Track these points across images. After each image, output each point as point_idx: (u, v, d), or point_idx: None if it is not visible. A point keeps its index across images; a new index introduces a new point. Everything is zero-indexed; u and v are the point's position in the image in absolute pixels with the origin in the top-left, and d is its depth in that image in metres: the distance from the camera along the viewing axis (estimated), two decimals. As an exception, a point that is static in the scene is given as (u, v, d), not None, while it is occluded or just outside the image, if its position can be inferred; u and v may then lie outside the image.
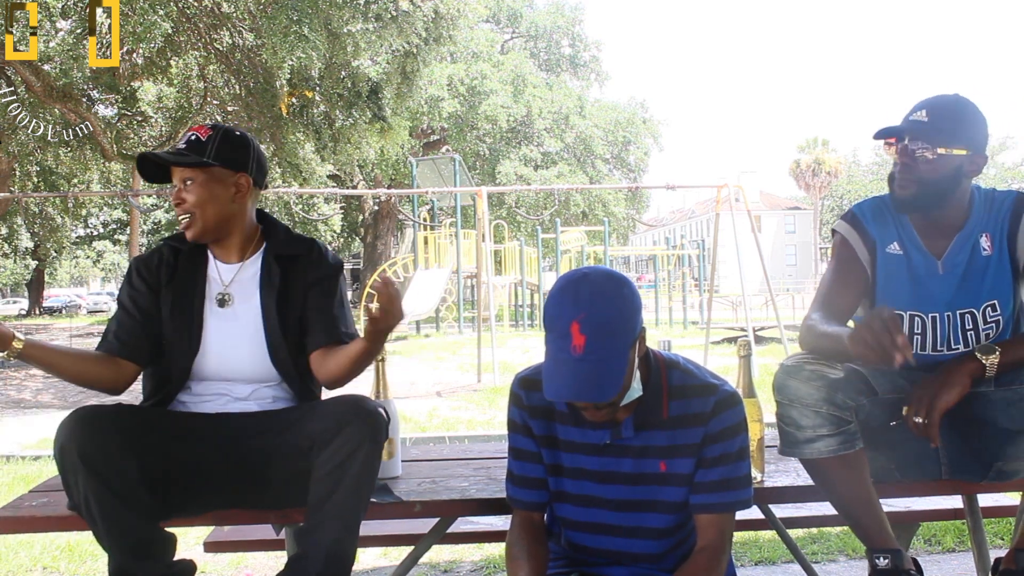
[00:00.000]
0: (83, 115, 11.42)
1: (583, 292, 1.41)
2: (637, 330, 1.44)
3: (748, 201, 11.32)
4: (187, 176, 1.91)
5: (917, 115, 1.85)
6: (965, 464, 1.85)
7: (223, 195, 1.92)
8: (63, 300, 44.47)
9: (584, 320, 1.38)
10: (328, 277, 1.98)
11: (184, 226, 1.92)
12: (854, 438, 1.75)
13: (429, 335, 16.89)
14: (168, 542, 1.73)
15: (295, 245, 2.00)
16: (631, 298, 1.43)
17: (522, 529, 1.63)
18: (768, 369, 9.29)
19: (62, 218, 25.69)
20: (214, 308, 1.93)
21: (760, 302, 18.68)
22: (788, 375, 1.77)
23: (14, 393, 10.01)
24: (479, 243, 9.83)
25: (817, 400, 1.73)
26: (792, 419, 1.77)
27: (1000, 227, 1.90)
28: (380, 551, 3.08)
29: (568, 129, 27.06)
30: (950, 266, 1.91)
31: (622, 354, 1.40)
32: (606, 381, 1.39)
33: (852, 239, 1.98)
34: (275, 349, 1.91)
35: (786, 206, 61.40)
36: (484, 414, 7.14)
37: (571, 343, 1.39)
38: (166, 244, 2.00)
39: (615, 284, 1.43)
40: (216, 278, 1.96)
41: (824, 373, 1.74)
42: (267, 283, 1.94)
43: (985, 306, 1.89)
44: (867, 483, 1.78)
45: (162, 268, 1.95)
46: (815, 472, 1.81)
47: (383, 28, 9.79)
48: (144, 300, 1.93)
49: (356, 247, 40.31)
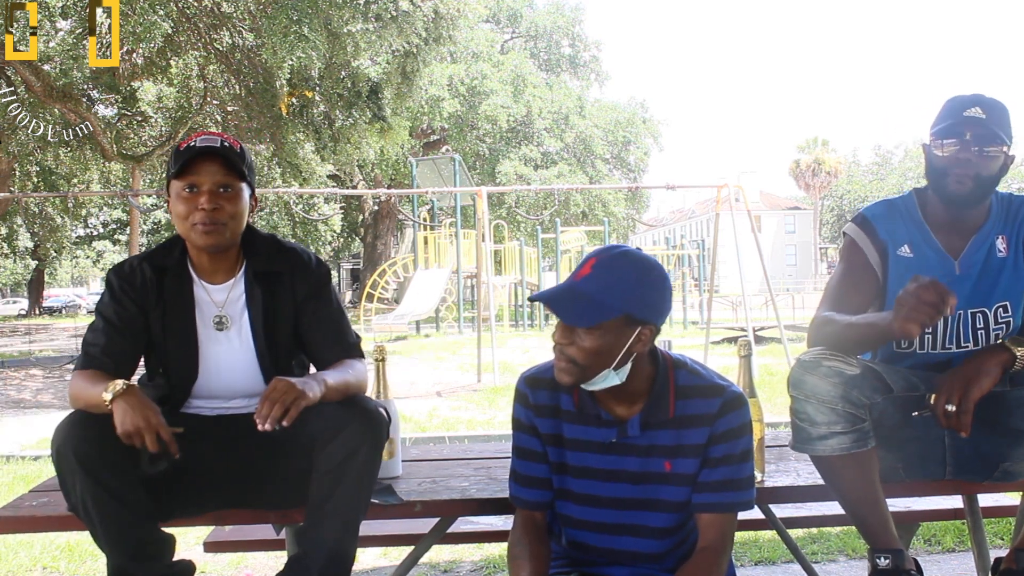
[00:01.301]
0: (83, 115, 11.42)
1: (619, 255, 1.48)
2: (645, 312, 1.46)
3: (748, 201, 11.32)
4: (228, 183, 1.81)
5: (972, 112, 1.83)
6: (971, 464, 1.85)
7: (245, 210, 1.87)
8: (63, 300, 44.47)
9: (601, 259, 1.47)
10: (319, 289, 1.92)
11: (208, 231, 1.79)
12: (867, 436, 1.74)
13: (429, 335, 16.89)
14: (167, 543, 1.73)
15: (275, 262, 1.91)
16: (652, 277, 1.48)
17: (524, 529, 1.63)
18: (768, 369, 9.29)
19: (62, 218, 25.69)
20: (208, 332, 1.87)
21: (760, 302, 18.67)
22: (806, 371, 1.76)
23: (14, 393, 10.01)
24: (479, 243, 9.83)
25: (834, 397, 1.72)
26: (807, 415, 1.75)
27: (1017, 230, 1.92)
28: (380, 551, 3.08)
29: (568, 129, 27.07)
30: (966, 266, 1.91)
31: (615, 308, 1.44)
32: (584, 310, 1.44)
33: (862, 242, 1.98)
34: (267, 369, 1.88)
35: (786, 206, 61.40)
36: (484, 414, 7.14)
37: (580, 271, 1.48)
38: (144, 262, 1.88)
39: (647, 263, 1.49)
40: (206, 299, 1.88)
41: (841, 370, 1.73)
42: (252, 303, 1.89)
43: (997, 307, 1.90)
44: (875, 482, 1.78)
45: (147, 288, 1.85)
46: (825, 469, 1.80)
47: (383, 28, 9.79)
48: (132, 318, 1.84)
49: (356, 247, 40.34)
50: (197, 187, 1.80)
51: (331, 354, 1.89)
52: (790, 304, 23.48)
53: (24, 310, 40.46)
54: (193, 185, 1.80)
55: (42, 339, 20.62)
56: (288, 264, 1.92)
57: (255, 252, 1.92)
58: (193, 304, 1.87)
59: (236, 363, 1.88)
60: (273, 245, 1.95)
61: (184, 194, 1.80)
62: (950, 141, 1.84)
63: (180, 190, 1.81)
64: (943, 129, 1.86)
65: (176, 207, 1.82)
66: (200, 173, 1.79)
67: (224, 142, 1.82)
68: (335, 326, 1.92)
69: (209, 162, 1.80)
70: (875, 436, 1.77)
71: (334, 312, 1.94)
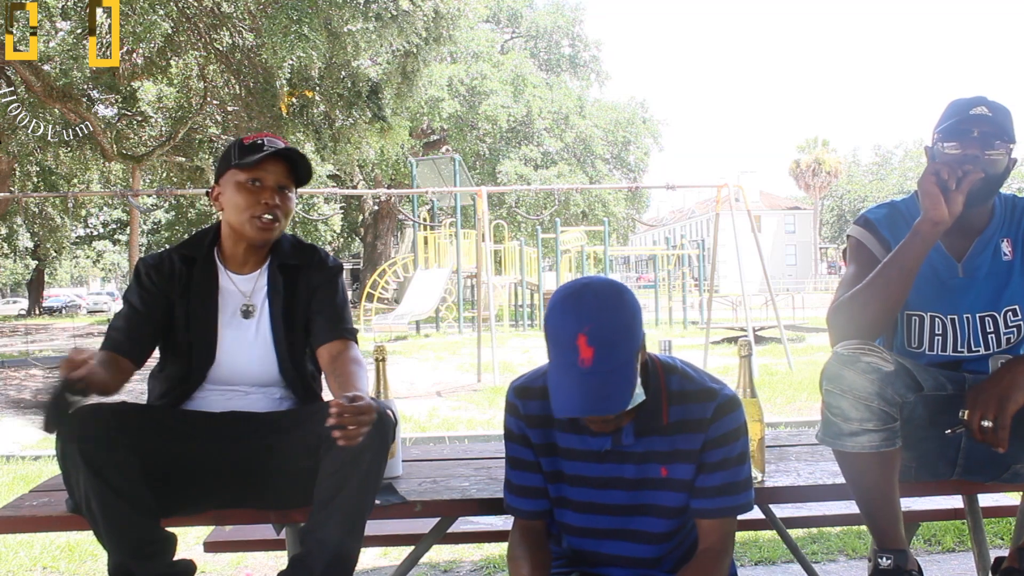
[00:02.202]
0: (83, 115, 11.43)
1: (587, 303, 1.38)
2: (640, 338, 1.43)
3: (748, 201, 11.32)
4: (289, 185, 1.94)
5: (978, 110, 1.83)
6: (982, 466, 1.84)
7: (293, 211, 1.99)
8: (63, 300, 44.45)
9: (591, 332, 1.35)
10: (330, 279, 2.03)
11: (268, 226, 1.91)
12: (895, 436, 1.72)
13: (429, 335, 16.89)
14: (168, 542, 1.74)
15: (298, 255, 2.03)
16: (633, 306, 1.42)
17: (523, 536, 1.62)
18: (768, 369, 9.28)
19: (62, 218, 25.70)
20: (230, 319, 1.95)
21: (760, 302, 18.65)
22: (844, 365, 1.72)
23: (14, 393, 10.01)
24: (479, 243, 9.82)
25: (870, 394, 1.69)
26: (841, 410, 1.72)
27: (1021, 233, 1.91)
28: (380, 551, 3.08)
29: (568, 129, 27.07)
30: (970, 269, 1.90)
31: (629, 364, 1.38)
32: (616, 393, 1.36)
33: (868, 242, 1.96)
34: (283, 358, 1.95)
35: (786, 206, 61.37)
36: (484, 414, 7.14)
37: (579, 356, 1.35)
38: (174, 253, 1.98)
39: (617, 293, 1.41)
40: (232, 289, 1.97)
41: (879, 366, 1.70)
42: (275, 293, 1.98)
43: (1006, 310, 1.89)
44: (895, 482, 1.76)
45: (175, 278, 1.94)
46: (849, 465, 1.78)
47: (383, 28, 9.80)
48: (156, 304, 1.92)
49: (356, 247, 40.36)
50: (261, 182, 1.89)
51: (328, 333, 1.96)
52: (790, 304, 23.46)
53: (24, 310, 40.46)
54: (257, 179, 1.89)
55: (42, 339, 20.63)
56: (306, 259, 2.03)
57: (280, 247, 2.02)
58: (217, 292, 1.96)
59: (253, 350, 1.94)
60: (294, 242, 2.07)
61: (248, 186, 1.89)
62: (954, 142, 1.83)
63: (244, 181, 1.89)
64: (949, 127, 1.84)
65: (235, 197, 1.90)
66: (268, 169, 1.90)
67: (286, 147, 1.92)
68: (337, 311, 2.00)
69: (275, 162, 1.91)
70: (901, 435, 1.75)
71: (339, 299, 2.03)
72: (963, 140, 1.82)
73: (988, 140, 1.81)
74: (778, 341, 10.54)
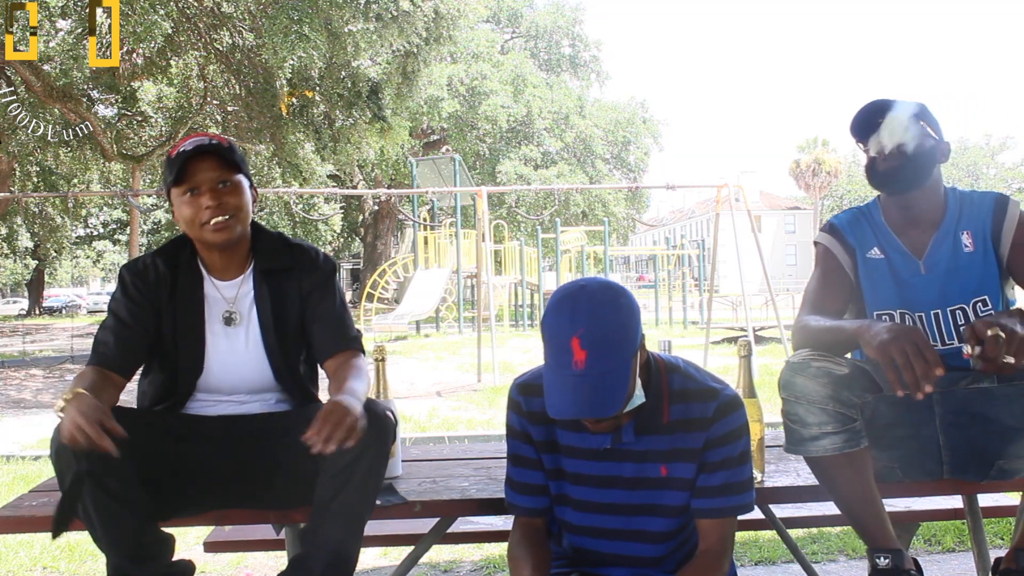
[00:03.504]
0: (83, 115, 11.42)
1: (581, 305, 1.38)
2: (638, 340, 1.42)
3: (748, 201, 11.30)
4: (226, 178, 1.82)
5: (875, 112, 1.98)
6: (967, 462, 1.85)
7: (249, 201, 1.89)
8: (63, 300, 44.44)
9: (584, 335, 1.35)
10: (323, 282, 1.95)
11: (221, 226, 1.81)
12: (859, 436, 1.75)
13: (429, 335, 16.88)
14: (166, 543, 1.73)
15: (283, 258, 1.94)
16: (630, 308, 1.41)
17: (523, 534, 1.62)
18: (768, 369, 9.28)
19: (62, 218, 25.67)
20: (217, 327, 1.89)
21: (760, 302, 18.65)
22: (794, 372, 1.77)
23: (14, 393, 10.01)
24: (479, 243, 9.82)
25: (823, 397, 1.73)
26: (798, 416, 1.76)
27: (982, 225, 1.94)
28: (380, 551, 3.08)
29: (568, 129, 27.09)
30: (931, 264, 1.94)
31: (624, 366, 1.37)
32: (609, 396, 1.36)
33: (834, 248, 2.04)
34: (277, 366, 1.90)
35: (786, 206, 61.36)
36: (484, 414, 7.14)
37: (572, 359, 1.35)
38: (157, 258, 1.90)
39: (613, 295, 1.40)
40: (216, 296, 1.91)
41: (830, 370, 1.74)
42: (261, 300, 1.91)
43: (975, 301, 1.92)
44: (870, 482, 1.78)
45: (160, 285, 1.87)
46: (819, 470, 1.81)
47: (383, 28, 9.80)
48: (144, 315, 1.85)
49: (356, 247, 40.35)
50: (197, 189, 1.81)
51: (332, 346, 1.91)
52: (790, 304, 23.43)
53: (24, 310, 40.44)
54: (193, 188, 1.81)
55: (42, 339, 20.63)
56: (295, 260, 1.94)
57: (263, 249, 1.95)
58: (203, 300, 1.89)
59: (244, 358, 1.89)
60: (280, 242, 1.97)
61: (187, 199, 1.82)
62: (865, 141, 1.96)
63: (181, 195, 1.82)
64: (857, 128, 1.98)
65: (182, 213, 1.83)
66: (196, 174, 1.80)
67: (210, 139, 1.83)
68: (337, 319, 1.93)
69: (203, 161, 1.81)
70: (868, 435, 1.77)
71: (337, 305, 1.95)
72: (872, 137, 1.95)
73: (896, 117, 1.91)
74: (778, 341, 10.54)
